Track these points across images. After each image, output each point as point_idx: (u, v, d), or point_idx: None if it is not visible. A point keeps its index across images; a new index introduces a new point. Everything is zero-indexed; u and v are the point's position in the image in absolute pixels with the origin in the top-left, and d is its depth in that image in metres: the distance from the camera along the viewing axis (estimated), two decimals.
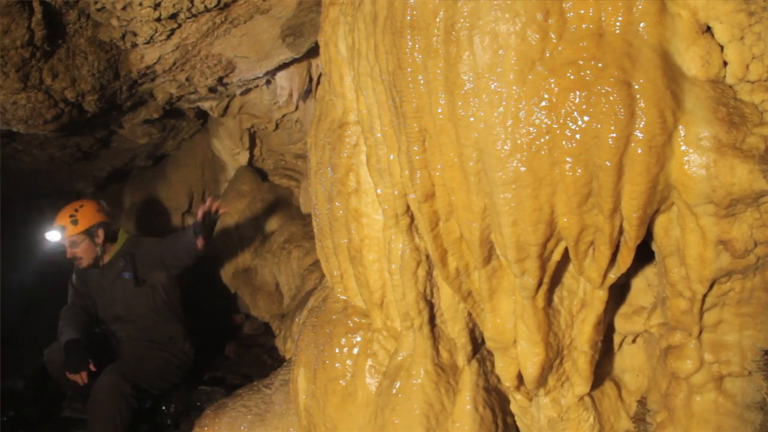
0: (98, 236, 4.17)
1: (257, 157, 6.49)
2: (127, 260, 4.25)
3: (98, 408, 3.62)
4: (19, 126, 4.53)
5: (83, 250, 4.15)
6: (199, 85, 4.62)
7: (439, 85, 1.49)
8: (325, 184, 2.22)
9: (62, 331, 4.05)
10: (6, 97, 4.01)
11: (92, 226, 4.13)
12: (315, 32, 3.94)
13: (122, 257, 4.26)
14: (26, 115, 4.33)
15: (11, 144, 6.21)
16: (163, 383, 4.09)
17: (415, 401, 2.06)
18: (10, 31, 3.18)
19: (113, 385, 3.65)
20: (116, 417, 3.60)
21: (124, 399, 3.64)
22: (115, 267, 4.25)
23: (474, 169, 1.48)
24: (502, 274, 1.69)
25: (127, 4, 3.23)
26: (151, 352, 4.11)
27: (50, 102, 4.19)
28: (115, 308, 4.29)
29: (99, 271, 4.28)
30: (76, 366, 3.77)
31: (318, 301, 2.53)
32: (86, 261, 4.20)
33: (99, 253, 4.20)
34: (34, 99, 4.12)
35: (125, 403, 3.64)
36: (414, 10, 1.51)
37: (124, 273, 4.24)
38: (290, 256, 4.95)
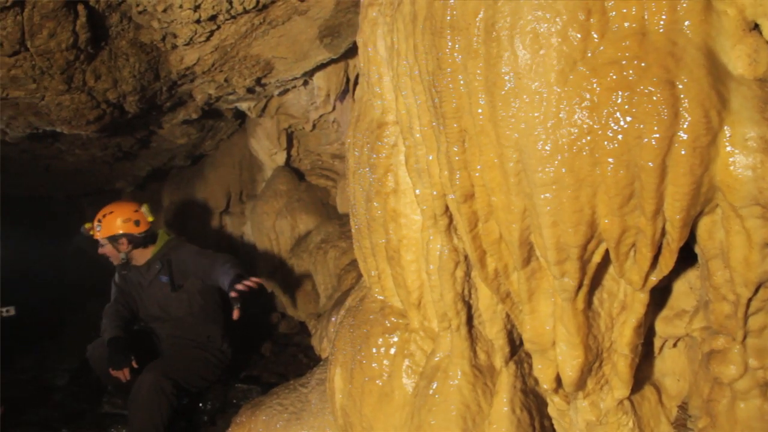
0: (121, 244, 4.24)
1: (294, 157, 6.53)
2: (164, 264, 4.30)
3: (139, 404, 3.67)
4: (63, 126, 4.62)
5: (109, 252, 4.26)
6: (238, 86, 4.66)
7: (480, 85, 1.48)
8: (363, 185, 2.22)
9: (105, 328, 4.13)
10: (51, 98, 4.09)
11: (113, 236, 4.22)
12: (352, 33, 3.95)
13: (159, 260, 4.32)
14: (70, 116, 4.41)
15: (55, 144, 6.33)
16: (201, 381, 4.14)
17: (452, 402, 2.05)
18: (56, 34, 3.24)
19: (155, 383, 3.70)
20: (156, 414, 3.65)
21: (165, 396, 3.69)
22: (152, 269, 4.32)
23: (514, 169, 1.47)
24: (541, 275, 1.68)
25: (168, 6, 3.27)
26: (191, 350, 4.16)
27: (93, 103, 4.27)
28: (153, 308, 4.36)
29: (138, 271, 4.35)
30: (119, 363, 3.83)
31: (355, 301, 2.53)
32: (114, 261, 4.31)
33: (123, 258, 4.27)
34: (77, 100, 4.20)
35: (165, 401, 3.68)
36: (454, 10, 1.51)
37: (161, 276, 4.31)
38: (327, 256, 4.96)
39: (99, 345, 4.10)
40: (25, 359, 6.00)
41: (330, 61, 4.49)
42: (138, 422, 3.66)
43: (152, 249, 4.37)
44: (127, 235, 4.20)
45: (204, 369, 4.15)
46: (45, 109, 4.35)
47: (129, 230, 4.22)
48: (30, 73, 3.69)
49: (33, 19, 3.09)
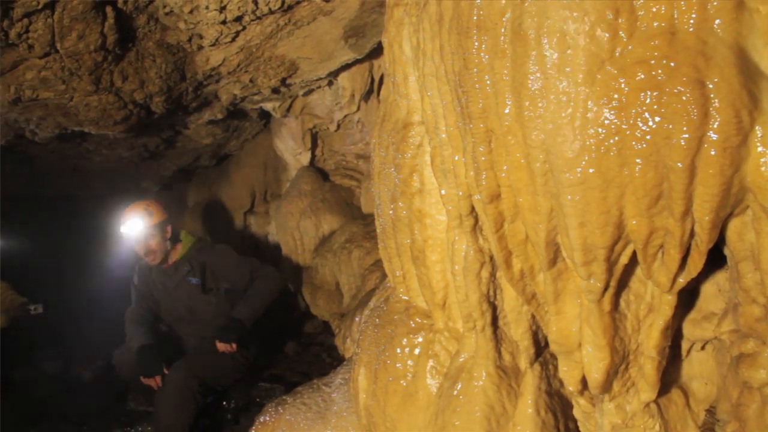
0: (167, 232, 4.27)
1: (319, 157, 6.55)
2: (194, 266, 4.31)
3: (166, 403, 3.70)
4: (91, 127, 4.67)
5: (157, 243, 4.25)
6: (263, 86, 4.68)
7: (506, 85, 1.48)
8: (388, 185, 2.22)
9: (131, 335, 4.14)
10: (79, 99, 4.14)
11: (162, 221, 4.26)
12: (377, 33, 3.96)
13: (188, 261, 4.32)
14: (97, 117, 4.46)
15: (82, 144, 6.41)
16: (226, 379, 4.16)
17: (477, 403, 2.04)
18: (85, 36, 3.29)
19: (181, 382, 3.72)
20: (182, 412, 3.67)
21: (191, 395, 3.71)
22: (180, 270, 4.32)
23: (541, 170, 1.46)
24: (567, 276, 1.67)
25: (194, 7, 3.30)
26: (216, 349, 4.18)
27: (120, 103, 4.32)
28: (179, 310, 4.37)
29: (163, 271, 4.36)
30: (151, 371, 3.86)
31: (380, 301, 2.54)
32: (158, 256, 4.30)
33: (168, 248, 4.30)
34: (104, 101, 4.25)
35: (191, 399, 3.71)
36: (480, 10, 1.50)
37: (191, 278, 4.32)
38: (351, 256, 4.97)
39: (125, 352, 4.12)
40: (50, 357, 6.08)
41: (355, 62, 4.50)
42: (164, 420, 3.69)
43: (180, 250, 4.39)
44: (170, 221, 4.32)
45: (230, 367, 4.17)
46: (73, 110, 4.40)
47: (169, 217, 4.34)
48: (59, 75, 3.74)
49: (63, 21, 3.13)
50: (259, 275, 4.29)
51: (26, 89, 3.95)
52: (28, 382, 5.51)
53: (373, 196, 5.34)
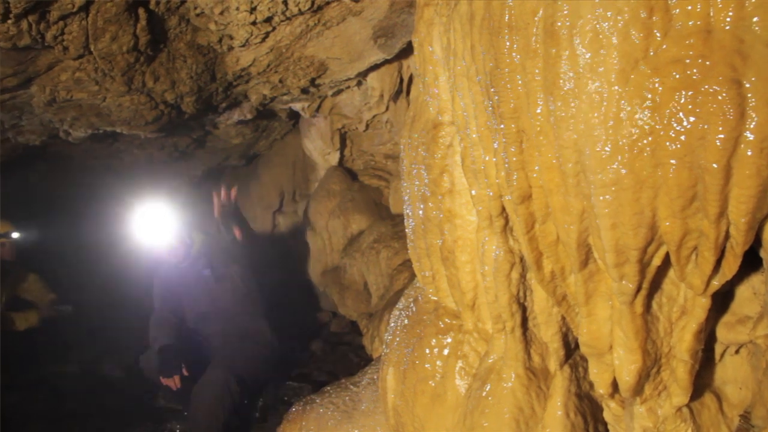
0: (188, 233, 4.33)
1: (347, 157, 6.56)
2: (205, 259, 4.38)
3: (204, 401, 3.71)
4: (123, 127, 4.74)
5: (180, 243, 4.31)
6: (292, 87, 4.70)
7: (538, 85, 1.47)
8: (418, 185, 2.22)
9: (155, 337, 4.19)
10: (112, 99, 4.20)
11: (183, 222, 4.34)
12: (407, 33, 3.95)
13: (200, 256, 4.40)
14: (129, 117, 4.53)
15: (114, 144, 6.50)
16: (260, 374, 4.18)
17: (505, 405, 2.03)
18: (118, 37, 3.33)
19: (222, 380, 3.73)
20: (220, 411, 3.68)
21: (230, 394, 3.73)
22: (196, 266, 4.39)
23: (573, 170, 1.45)
24: (599, 278, 1.65)
25: (225, 8, 3.32)
26: (245, 346, 4.20)
27: (151, 104, 4.37)
28: (201, 305, 4.41)
29: (181, 271, 4.41)
30: (170, 371, 3.89)
31: (409, 302, 2.53)
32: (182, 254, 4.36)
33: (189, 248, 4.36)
34: (136, 101, 4.31)
35: (230, 398, 3.72)
36: (512, 10, 1.50)
37: (204, 270, 4.37)
38: (379, 256, 4.98)
39: (151, 355, 4.17)
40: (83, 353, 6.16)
41: (384, 62, 4.50)
42: (201, 418, 3.69)
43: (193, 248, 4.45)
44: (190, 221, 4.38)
45: (262, 363, 4.20)
46: (106, 110, 4.47)
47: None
48: (93, 76, 3.79)
49: (97, 24, 3.18)
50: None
51: (61, 90, 4.02)
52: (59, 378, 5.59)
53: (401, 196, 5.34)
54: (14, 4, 2.75)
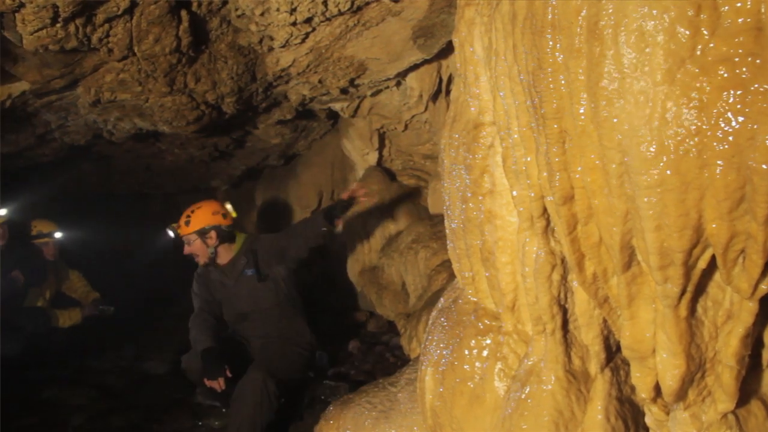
0: (210, 237, 4.33)
1: (386, 158, 6.56)
2: (249, 258, 4.39)
3: (244, 402, 3.74)
4: (164, 127, 4.81)
5: (197, 249, 4.35)
6: (331, 87, 4.72)
7: (581, 85, 1.45)
8: (458, 186, 2.21)
9: (196, 339, 4.23)
10: (154, 100, 4.27)
11: (203, 228, 4.31)
12: (446, 33, 3.94)
13: (243, 255, 4.41)
14: (171, 117, 4.59)
15: (156, 144, 6.60)
16: (298, 375, 4.21)
17: (545, 408, 2.01)
18: (161, 39, 3.38)
19: (261, 382, 3.76)
20: (259, 412, 3.71)
21: (268, 396, 3.75)
22: (237, 266, 4.41)
23: (616, 171, 1.43)
24: (642, 280, 1.63)
25: (266, 10, 3.35)
26: (285, 347, 4.23)
27: (193, 104, 4.42)
28: (241, 306, 4.44)
29: (221, 271, 4.44)
30: (214, 373, 3.92)
31: (448, 302, 2.52)
32: (202, 260, 4.40)
33: (212, 253, 4.36)
34: (178, 101, 4.37)
35: (268, 400, 3.75)
36: (555, 9, 1.48)
37: (247, 270, 4.39)
38: (417, 256, 4.97)
39: (193, 356, 4.21)
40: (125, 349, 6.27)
41: (423, 62, 4.49)
42: (240, 418, 3.73)
43: (234, 247, 4.47)
44: (216, 227, 4.32)
45: (300, 363, 4.23)
46: (148, 111, 4.54)
47: (218, 222, 4.35)
48: (136, 77, 3.86)
49: (140, 26, 3.23)
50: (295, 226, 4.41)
51: (105, 91, 4.09)
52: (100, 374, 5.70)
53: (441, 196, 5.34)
54: (63, 8, 2.82)
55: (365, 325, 6.26)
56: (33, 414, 4.62)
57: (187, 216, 4.33)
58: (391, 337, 5.69)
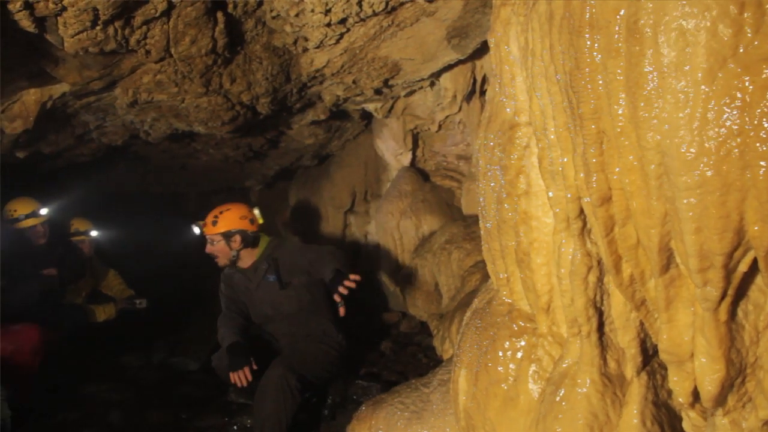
0: (234, 241, 4.30)
1: (419, 158, 6.55)
2: (270, 264, 4.37)
3: (266, 398, 3.77)
4: (200, 127, 4.85)
5: (219, 250, 4.33)
6: (365, 87, 4.73)
7: (620, 85, 1.44)
8: (493, 186, 2.20)
9: (223, 337, 4.25)
10: (190, 101, 4.31)
11: (230, 231, 4.29)
12: (481, 33, 3.92)
13: (265, 260, 4.39)
14: (206, 117, 4.63)
15: (191, 144, 6.67)
16: (325, 374, 4.21)
17: (579, 411, 1.99)
18: (197, 40, 3.42)
19: (281, 378, 3.78)
20: (282, 408, 3.73)
21: (290, 391, 3.77)
22: (258, 271, 4.39)
23: (655, 172, 1.41)
24: (680, 283, 1.60)
25: (300, 11, 3.37)
26: (311, 345, 4.23)
27: (228, 105, 4.46)
28: (264, 309, 4.45)
29: (243, 274, 4.45)
30: (238, 365, 3.94)
31: (482, 303, 2.51)
32: (222, 261, 4.39)
33: (233, 257, 4.37)
34: (213, 102, 4.40)
35: (290, 395, 3.76)
36: (593, 8, 1.47)
37: (268, 276, 4.37)
38: (450, 257, 4.95)
39: (223, 355, 4.24)
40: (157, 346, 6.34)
41: (457, 62, 4.48)
42: (264, 415, 3.76)
43: (257, 251, 4.46)
44: (241, 232, 4.29)
45: (326, 362, 4.22)
46: (184, 111, 4.58)
47: (245, 227, 4.32)
48: (173, 78, 3.90)
49: (177, 27, 3.27)
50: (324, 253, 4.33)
51: (142, 92, 4.15)
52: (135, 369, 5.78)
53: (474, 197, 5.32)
54: (102, 11, 2.86)
55: (397, 326, 6.26)
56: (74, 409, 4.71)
57: (215, 216, 4.33)
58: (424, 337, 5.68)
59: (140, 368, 5.83)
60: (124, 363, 5.88)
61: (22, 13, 2.75)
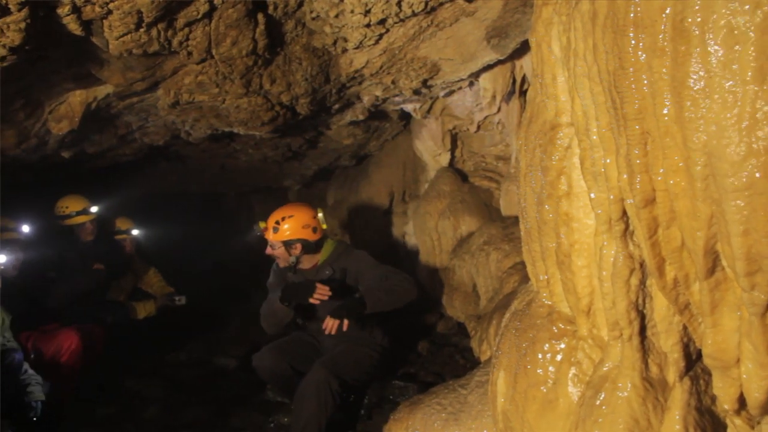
0: (294, 248, 4.24)
1: (458, 159, 6.54)
2: (336, 270, 4.33)
3: (306, 399, 3.77)
4: (240, 128, 4.90)
5: (279, 254, 4.28)
6: (404, 88, 4.73)
7: (665, 85, 1.41)
8: (534, 187, 2.19)
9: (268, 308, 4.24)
10: (230, 101, 4.35)
11: (290, 240, 4.23)
12: (521, 33, 3.90)
13: (329, 265, 4.35)
14: (246, 118, 4.67)
15: (231, 144, 6.74)
16: (365, 377, 4.20)
17: (620, 415, 1.97)
18: (238, 42, 3.45)
19: (323, 380, 3.78)
20: (322, 409, 3.73)
21: (331, 393, 3.77)
22: (320, 274, 4.32)
23: (701, 174, 1.39)
24: (726, 287, 1.57)
25: (340, 12, 3.38)
26: (354, 348, 4.21)
27: (267, 105, 4.49)
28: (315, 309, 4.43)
29: (304, 273, 4.41)
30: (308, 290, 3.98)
31: (522, 305, 2.50)
32: (281, 263, 4.36)
33: (293, 262, 4.33)
34: (254, 103, 4.44)
35: (331, 398, 3.77)
36: (638, 7, 1.45)
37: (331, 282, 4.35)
38: (489, 258, 4.93)
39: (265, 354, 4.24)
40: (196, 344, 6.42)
41: (496, 62, 4.45)
42: (303, 414, 3.76)
43: (320, 254, 4.42)
44: (302, 241, 4.23)
45: (368, 364, 4.20)
46: (225, 112, 4.63)
47: (306, 236, 4.25)
48: (213, 79, 3.95)
49: (219, 29, 3.31)
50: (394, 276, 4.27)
51: (184, 93, 4.20)
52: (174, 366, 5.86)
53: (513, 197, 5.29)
54: (146, 13, 2.91)
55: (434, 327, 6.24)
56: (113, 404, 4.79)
57: (276, 222, 4.24)
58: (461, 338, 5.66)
59: (179, 365, 5.91)
60: (164, 360, 5.97)
61: (70, 17, 2.82)
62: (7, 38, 2.75)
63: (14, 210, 4.93)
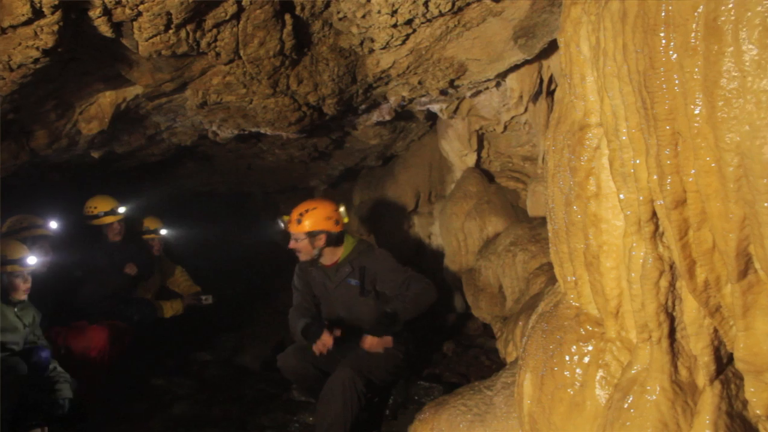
0: (318, 240, 4.28)
1: (484, 159, 6.51)
2: (355, 268, 4.36)
3: (332, 399, 3.79)
4: (267, 128, 4.92)
5: (302, 247, 4.31)
6: (431, 88, 4.72)
7: (697, 84, 1.40)
8: (563, 188, 2.17)
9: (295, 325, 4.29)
10: (258, 102, 4.38)
11: (314, 231, 4.28)
12: (548, 33, 3.87)
13: (350, 263, 4.38)
14: (273, 118, 4.69)
15: (257, 144, 6.78)
16: (390, 377, 4.21)
17: (648, 419, 1.94)
18: (265, 42, 3.47)
19: (349, 380, 3.80)
20: (348, 409, 3.75)
21: (356, 393, 3.78)
22: (341, 272, 4.38)
23: (734, 175, 1.37)
24: (759, 289, 1.55)
25: (367, 12, 3.38)
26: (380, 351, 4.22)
27: (294, 106, 4.50)
28: (338, 309, 4.44)
29: (325, 271, 4.45)
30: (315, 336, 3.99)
31: (549, 306, 2.48)
32: (303, 257, 4.37)
33: (316, 255, 4.36)
34: (281, 103, 4.45)
35: (356, 397, 3.78)
36: (669, 6, 1.44)
37: (350, 279, 4.36)
38: (515, 259, 4.90)
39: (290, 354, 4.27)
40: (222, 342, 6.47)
41: (524, 62, 4.42)
42: (329, 414, 3.78)
43: (341, 251, 4.44)
44: (326, 232, 4.29)
45: (393, 365, 4.21)
46: (252, 112, 4.66)
47: (329, 228, 4.30)
48: (241, 79, 3.97)
49: (246, 30, 3.33)
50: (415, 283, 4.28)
51: (212, 93, 4.23)
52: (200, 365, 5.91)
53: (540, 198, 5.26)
54: (175, 15, 2.94)
55: (460, 327, 6.23)
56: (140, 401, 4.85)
57: (300, 214, 4.31)
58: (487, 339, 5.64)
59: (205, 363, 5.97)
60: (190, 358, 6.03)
61: (101, 20, 2.85)
62: (40, 41, 2.79)
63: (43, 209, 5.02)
